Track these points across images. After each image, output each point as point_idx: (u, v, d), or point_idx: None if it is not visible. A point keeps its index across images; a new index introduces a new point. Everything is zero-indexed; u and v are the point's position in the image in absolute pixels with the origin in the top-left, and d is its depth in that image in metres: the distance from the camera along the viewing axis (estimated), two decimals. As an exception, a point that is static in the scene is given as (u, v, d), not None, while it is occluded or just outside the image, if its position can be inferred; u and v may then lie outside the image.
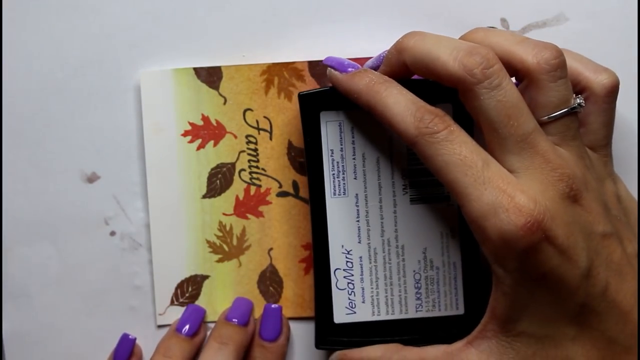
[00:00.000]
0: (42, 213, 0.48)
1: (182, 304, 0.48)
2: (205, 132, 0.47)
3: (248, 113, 0.47)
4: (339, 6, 0.47)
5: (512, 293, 0.37)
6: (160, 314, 0.48)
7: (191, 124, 0.47)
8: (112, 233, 0.48)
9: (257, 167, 0.47)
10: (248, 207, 0.48)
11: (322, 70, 0.47)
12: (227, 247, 0.48)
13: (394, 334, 0.44)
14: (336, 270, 0.44)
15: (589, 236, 0.38)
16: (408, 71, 0.41)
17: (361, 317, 0.45)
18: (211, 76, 0.47)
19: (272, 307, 0.47)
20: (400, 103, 0.39)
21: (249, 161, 0.47)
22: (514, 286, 0.37)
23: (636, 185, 0.47)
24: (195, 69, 0.47)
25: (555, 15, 0.47)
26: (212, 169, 0.48)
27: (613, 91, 0.42)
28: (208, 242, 0.48)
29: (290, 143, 0.47)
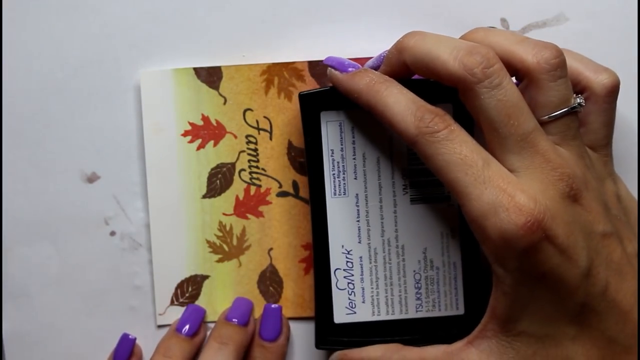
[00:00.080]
0: (42, 213, 0.48)
1: (182, 304, 0.48)
2: (205, 132, 0.47)
3: (248, 113, 0.47)
4: (339, 6, 0.47)
5: (513, 292, 0.37)
6: (160, 314, 0.48)
7: (191, 124, 0.47)
8: (112, 233, 0.48)
9: (257, 167, 0.47)
10: (248, 207, 0.48)
11: (322, 70, 0.47)
12: (227, 247, 0.48)
13: (394, 334, 0.44)
14: (336, 270, 0.44)
15: (589, 236, 0.38)
16: (408, 71, 0.41)
17: (361, 317, 0.45)
18: (211, 76, 0.47)
19: (272, 307, 0.47)
20: (400, 102, 0.39)
21: (249, 161, 0.47)
22: (514, 286, 0.37)
23: (636, 185, 0.47)
24: (195, 69, 0.47)
25: (555, 15, 0.47)
26: (212, 169, 0.48)
27: (613, 91, 0.42)
28: (208, 242, 0.48)
29: (290, 143, 0.47)
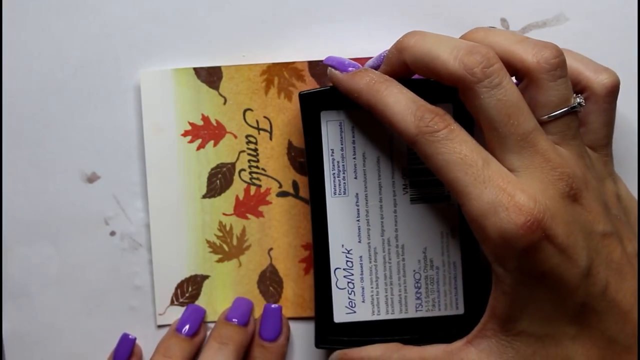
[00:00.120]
0: (42, 213, 0.48)
1: (182, 304, 0.48)
2: (205, 132, 0.47)
3: (248, 113, 0.47)
4: (339, 6, 0.47)
5: (512, 292, 0.37)
6: (160, 314, 0.48)
7: (191, 124, 0.47)
8: (112, 233, 0.48)
9: (257, 167, 0.47)
10: (248, 207, 0.48)
11: (322, 70, 0.47)
12: (227, 247, 0.48)
13: (394, 334, 0.44)
14: (336, 269, 0.44)
15: (589, 235, 0.38)
16: (408, 70, 0.41)
17: (361, 317, 0.45)
18: (211, 76, 0.47)
19: (272, 307, 0.47)
20: (400, 102, 0.39)
21: (249, 161, 0.47)
22: (514, 285, 0.37)
23: (636, 185, 0.47)
24: (195, 69, 0.47)
25: (555, 15, 0.47)
26: (212, 169, 0.48)
27: (613, 91, 0.42)
28: (208, 242, 0.48)
29: (290, 143, 0.47)
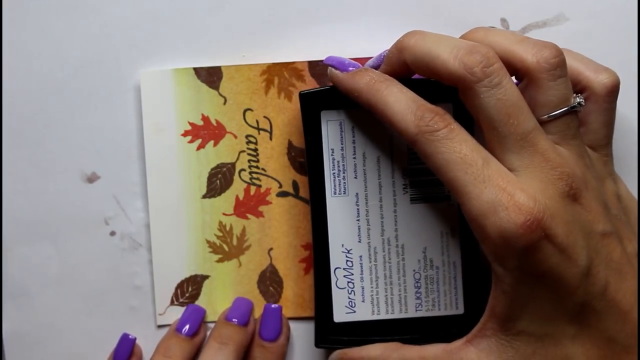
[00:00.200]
0: (42, 213, 0.48)
1: (182, 304, 0.48)
2: (205, 132, 0.47)
3: (248, 113, 0.47)
4: (339, 6, 0.47)
5: (512, 292, 0.37)
6: (160, 314, 0.48)
7: (191, 124, 0.47)
8: (112, 233, 0.48)
9: (257, 167, 0.47)
10: (248, 207, 0.48)
11: (322, 70, 0.47)
12: (227, 247, 0.48)
13: (394, 333, 0.44)
14: (336, 269, 0.44)
15: (589, 235, 0.38)
16: (409, 70, 0.41)
17: (361, 316, 0.45)
18: (211, 76, 0.47)
19: (272, 307, 0.47)
20: (400, 101, 0.39)
21: (249, 161, 0.47)
22: (514, 285, 0.37)
23: (636, 185, 0.47)
24: (195, 69, 0.47)
25: (555, 15, 0.47)
26: (212, 169, 0.48)
27: (613, 91, 0.42)
28: (208, 242, 0.48)
29: (290, 143, 0.47)
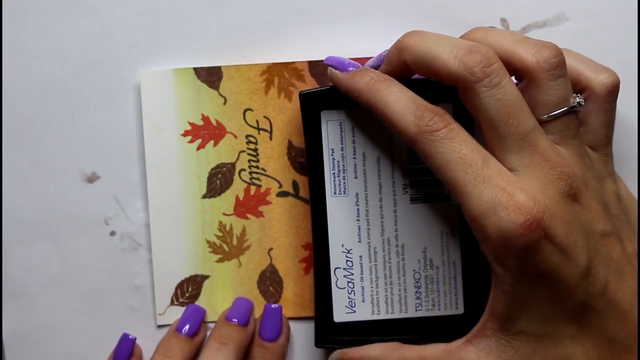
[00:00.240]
0: (42, 213, 0.48)
1: (182, 304, 0.48)
2: (205, 132, 0.47)
3: (248, 113, 0.47)
4: (339, 6, 0.47)
5: (512, 291, 0.37)
6: (160, 314, 0.48)
7: (191, 124, 0.47)
8: (112, 233, 0.48)
9: (257, 167, 0.47)
10: (248, 207, 0.48)
11: (322, 70, 0.47)
12: (227, 247, 0.48)
13: (394, 333, 0.44)
14: (336, 269, 0.44)
15: (589, 235, 0.38)
16: (408, 70, 0.41)
17: (361, 316, 0.45)
18: (211, 76, 0.47)
19: (272, 307, 0.47)
20: (400, 101, 0.39)
21: (249, 161, 0.47)
22: (514, 284, 0.37)
23: (636, 185, 0.47)
24: (195, 69, 0.47)
25: (555, 15, 0.47)
26: (212, 169, 0.48)
27: (613, 90, 0.42)
28: (208, 242, 0.48)
29: (290, 143, 0.47)
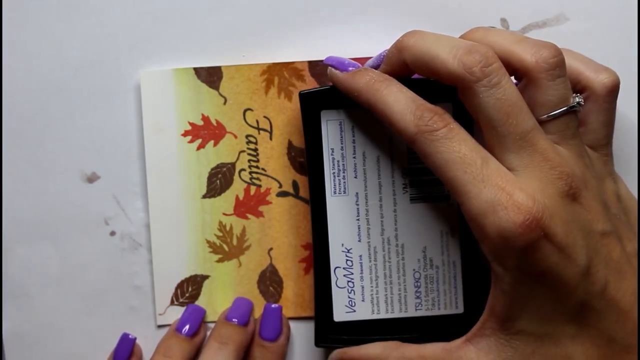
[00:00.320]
0: (42, 213, 0.48)
1: (182, 304, 0.48)
2: (205, 132, 0.47)
3: (248, 113, 0.47)
4: (339, 6, 0.47)
5: (511, 291, 0.37)
6: (160, 314, 0.48)
7: (191, 124, 0.47)
8: (112, 233, 0.48)
9: (257, 167, 0.47)
10: (248, 207, 0.48)
11: (322, 70, 0.47)
12: (227, 247, 0.48)
13: (394, 333, 0.44)
14: (336, 268, 0.44)
15: (588, 234, 0.38)
16: (408, 70, 0.41)
17: (361, 316, 0.45)
18: (211, 76, 0.47)
19: (272, 307, 0.47)
20: (400, 101, 0.39)
21: (249, 161, 0.47)
22: (513, 284, 0.37)
23: (636, 185, 0.47)
24: (195, 69, 0.47)
25: (555, 15, 0.47)
26: (212, 169, 0.48)
27: (614, 90, 0.42)
28: (208, 242, 0.48)
29: (290, 143, 0.47)
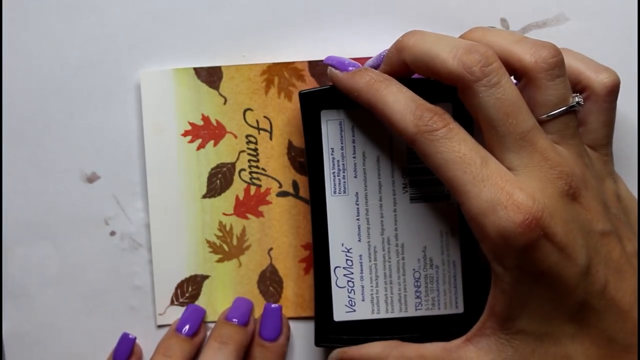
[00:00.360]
0: (42, 213, 0.48)
1: (182, 304, 0.48)
2: (205, 132, 0.47)
3: (248, 113, 0.47)
4: (339, 6, 0.47)
5: (511, 291, 0.37)
6: (160, 314, 0.48)
7: (191, 124, 0.47)
8: (112, 233, 0.48)
9: (257, 167, 0.47)
10: (248, 207, 0.48)
11: (322, 70, 0.47)
12: (227, 247, 0.48)
13: (394, 332, 0.44)
14: (336, 268, 0.44)
15: (588, 234, 0.38)
16: (408, 70, 0.41)
17: (361, 315, 0.45)
18: (211, 76, 0.47)
19: (272, 307, 0.47)
20: (399, 101, 0.39)
21: (249, 161, 0.47)
22: (513, 284, 0.37)
23: (636, 185, 0.47)
24: (195, 69, 0.47)
25: (555, 15, 0.47)
26: (212, 169, 0.48)
27: (614, 90, 0.42)
28: (208, 242, 0.48)
29: (290, 143, 0.47)
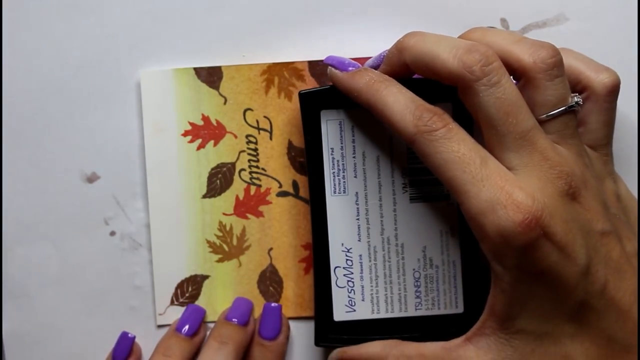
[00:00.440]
0: (42, 213, 0.48)
1: (182, 304, 0.48)
2: (205, 132, 0.47)
3: (248, 113, 0.47)
4: (339, 6, 0.47)
5: (511, 290, 0.37)
6: (160, 314, 0.48)
7: (191, 124, 0.47)
8: (112, 233, 0.48)
9: (257, 167, 0.47)
10: (248, 207, 0.48)
11: (322, 70, 0.47)
12: (227, 247, 0.48)
13: (394, 332, 0.44)
14: (336, 268, 0.44)
15: (588, 234, 0.38)
16: (408, 70, 0.41)
17: (361, 315, 0.45)
18: (211, 76, 0.47)
19: (272, 306, 0.47)
20: (399, 101, 0.39)
21: (249, 161, 0.47)
22: (513, 283, 0.37)
23: (636, 185, 0.47)
24: (195, 69, 0.47)
25: (555, 15, 0.47)
26: (212, 169, 0.48)
27: (614, 90, 0.42)
28: (208, 242, 0.48)
29: (290, 143, 0.47)
